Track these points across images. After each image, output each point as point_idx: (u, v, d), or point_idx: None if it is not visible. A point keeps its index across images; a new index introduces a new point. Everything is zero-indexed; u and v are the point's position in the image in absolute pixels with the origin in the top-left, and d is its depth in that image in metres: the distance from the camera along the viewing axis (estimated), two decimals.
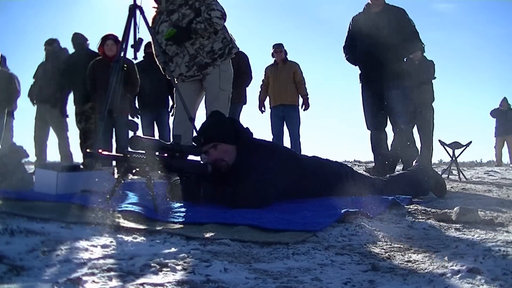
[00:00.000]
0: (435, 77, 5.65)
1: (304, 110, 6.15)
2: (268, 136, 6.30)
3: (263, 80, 6.37)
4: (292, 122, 6.14)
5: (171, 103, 5.51)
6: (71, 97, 5.32)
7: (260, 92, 6.38)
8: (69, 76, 5.01)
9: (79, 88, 4.91)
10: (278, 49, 6.14)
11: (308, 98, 6.12)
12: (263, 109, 6.37)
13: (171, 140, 2.11)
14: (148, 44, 4.87)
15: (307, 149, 15.98)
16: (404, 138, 4.26)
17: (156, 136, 5.41)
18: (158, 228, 1.48)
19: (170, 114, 5.50)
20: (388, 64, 4.14)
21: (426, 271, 1.06)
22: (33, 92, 5.50)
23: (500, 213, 2.09)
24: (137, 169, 1.85)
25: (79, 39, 5.27)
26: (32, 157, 5.53)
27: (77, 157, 5.63)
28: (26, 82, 6.18)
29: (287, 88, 6.08)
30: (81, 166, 3.63)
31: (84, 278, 0.91)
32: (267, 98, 6.33)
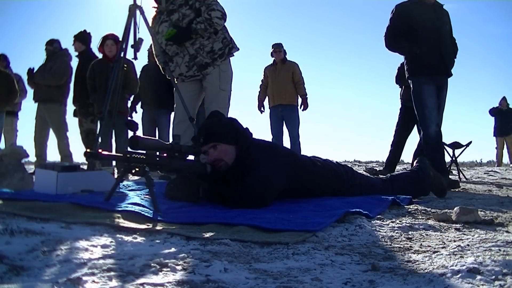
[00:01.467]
0: None
1: (303, 110, 6.16)
2: (268, 136, 6.31)
3: (262, 80, 6.37)
4: (291, 122, 6.13)
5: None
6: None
7: (259, 92, 6.38)
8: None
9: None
10: (277, 48, 6.14)
11: (307, 98, 6.12)
12: (262, 109, 6.38)
13: (171, 140, 2.11)
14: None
15: (306, 149, 16.00)
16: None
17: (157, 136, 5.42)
18: (158, 228, 1.48)
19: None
20: (449, 62, 4.01)
21: (426, 271, 1.06)
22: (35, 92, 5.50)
23: (500, 213, 2.10)
24: (137, 169, 1.86)
25: (86, 39, 5.25)
26: (32, 157, 5.53)
27: (77, 157, 5.63)
28: None
29: (286, 88, 6.08)
30: (86, 167, 3.64)
31: (84, 278, 0.91)
32: (266, 98, 6.34)
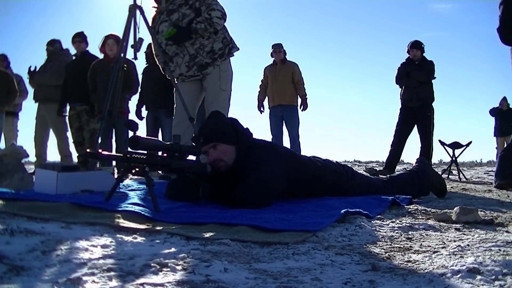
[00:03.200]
0: (434, 77, 5.66)
1: (302, 110, 6.16)
2: (268, 137, 6.31)
3: (262, 80, 6.37)
4: (291, 122, 6.13)
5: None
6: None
7: (259, 92, 6.38)
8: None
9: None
10: (277, 49, 6.13)
11: (306, 98, 6.12)
12: (261, 109, 6.38)
13: (171, 140, 2.12)
14: (149, 45, 4.90)
15: (306, 149, 16.00)
16: None
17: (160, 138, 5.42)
18: (158, 228, 1.48)
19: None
20: None
21: (426, 271, 1.06)
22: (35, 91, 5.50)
23: (500, 213, 2.10)
24: (137, 169, 1.85)
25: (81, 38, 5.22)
26: (32, 157, 5.53)
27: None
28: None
29: (285, 88, 6.08)
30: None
31: (84, 278, 0.91)
32: (266, 98, 6.34)
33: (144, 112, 5.54)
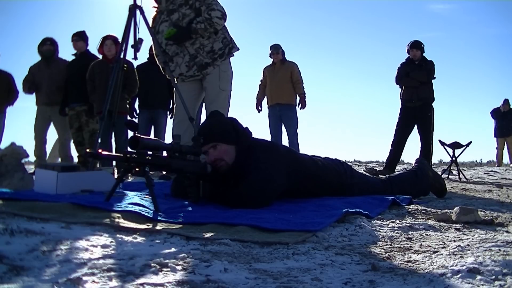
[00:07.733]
0: (434, 77, 5.66)
1: (301, 109, 6.15)
2: (267, 136, 6.31)
3: (261, 80, 6.38)
4: (289, 121, 6.13)
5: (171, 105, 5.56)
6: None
7: (258, 91, 6.39)
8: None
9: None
10: (275, 51, 6.14)
11: (305, 96, 6.12)
12: (259, 108, 6.39)
13: (170, 140, 2.12)
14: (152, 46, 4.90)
15: (306, 149, 15.97)
16: None
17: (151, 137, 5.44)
18: (158, 228, 1.48)
19: (169, 116, 5.54)
20: None
21: (426, 271, 1.06)
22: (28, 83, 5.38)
23: (500, 213, 2.10)
24: (137, 169, 1.85)
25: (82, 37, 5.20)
26: (32, 157, 5.52)
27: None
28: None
29: (283, 87, 6.08)
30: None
31: (84, 278, 0.91)
32: (265, 98, 6.35)
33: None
